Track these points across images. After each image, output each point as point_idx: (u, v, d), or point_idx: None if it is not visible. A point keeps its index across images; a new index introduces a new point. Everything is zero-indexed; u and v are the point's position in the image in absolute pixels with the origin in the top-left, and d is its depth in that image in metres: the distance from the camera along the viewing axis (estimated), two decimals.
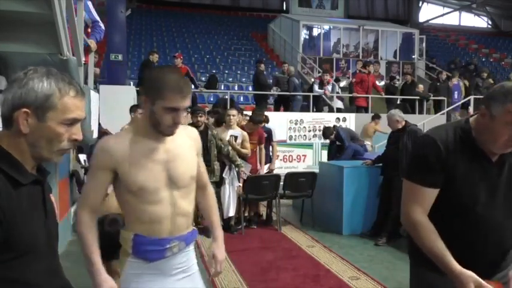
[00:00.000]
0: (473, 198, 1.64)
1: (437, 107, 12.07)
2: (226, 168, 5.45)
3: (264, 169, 6.13)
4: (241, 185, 5.56)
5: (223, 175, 5.42)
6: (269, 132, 6.50)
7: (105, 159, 1.65)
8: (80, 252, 1.70)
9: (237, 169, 5.45)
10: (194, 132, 1.91)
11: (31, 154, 1.19)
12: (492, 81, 12.02)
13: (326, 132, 7.44)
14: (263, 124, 6.39)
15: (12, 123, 1.16)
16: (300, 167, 9.56)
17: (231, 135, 5.61)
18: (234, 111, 5.79)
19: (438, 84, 12.05)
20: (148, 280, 1.72)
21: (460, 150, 1.64)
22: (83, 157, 5.86)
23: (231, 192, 5.46)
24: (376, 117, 9.70)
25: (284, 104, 10.97)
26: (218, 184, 5.33)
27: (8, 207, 1.09)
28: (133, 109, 6.10)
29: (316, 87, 10.93)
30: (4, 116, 1.17)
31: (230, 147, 5.39)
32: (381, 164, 5.52)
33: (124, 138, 1.69)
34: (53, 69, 1.22)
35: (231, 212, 5.50)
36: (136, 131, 1.71)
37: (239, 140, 5.63)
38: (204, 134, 5.07)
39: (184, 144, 1.77)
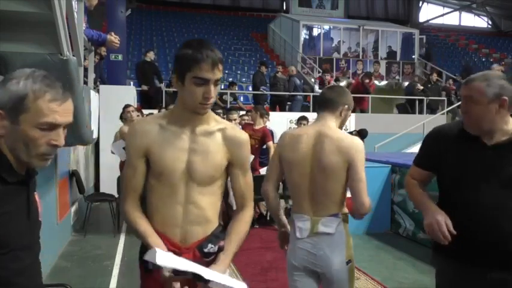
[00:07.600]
0: (459, 180, 1.76)
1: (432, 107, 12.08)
2: None
3: (262, 172, 6.03)
4: None
5: None
6: (271, 133, 6.25)
7: None
8: (80, 252, 1.68)
9: None
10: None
11: (13, 156, 1.17)
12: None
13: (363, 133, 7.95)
14: (265, 124, 6.34)
15: None
16: None
17: None
18: (235, 116, 5.66)
19: (429, 85, 12.04)
20: None
21: (459, 138, 1.80)
22: None
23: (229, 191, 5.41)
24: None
25: (280, 104, 10.98)
26: None
27: None
28: (124, 110, 6.00)
29: (316, 87, 10.93)
30: None
31: None
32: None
33: None
34: (40, 71, 1.18)
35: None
36: None
37: None
38: None
39: None
